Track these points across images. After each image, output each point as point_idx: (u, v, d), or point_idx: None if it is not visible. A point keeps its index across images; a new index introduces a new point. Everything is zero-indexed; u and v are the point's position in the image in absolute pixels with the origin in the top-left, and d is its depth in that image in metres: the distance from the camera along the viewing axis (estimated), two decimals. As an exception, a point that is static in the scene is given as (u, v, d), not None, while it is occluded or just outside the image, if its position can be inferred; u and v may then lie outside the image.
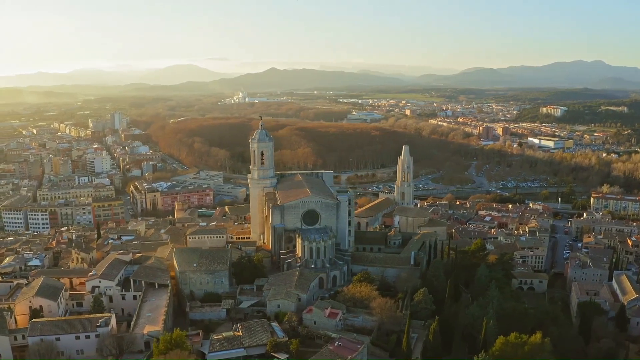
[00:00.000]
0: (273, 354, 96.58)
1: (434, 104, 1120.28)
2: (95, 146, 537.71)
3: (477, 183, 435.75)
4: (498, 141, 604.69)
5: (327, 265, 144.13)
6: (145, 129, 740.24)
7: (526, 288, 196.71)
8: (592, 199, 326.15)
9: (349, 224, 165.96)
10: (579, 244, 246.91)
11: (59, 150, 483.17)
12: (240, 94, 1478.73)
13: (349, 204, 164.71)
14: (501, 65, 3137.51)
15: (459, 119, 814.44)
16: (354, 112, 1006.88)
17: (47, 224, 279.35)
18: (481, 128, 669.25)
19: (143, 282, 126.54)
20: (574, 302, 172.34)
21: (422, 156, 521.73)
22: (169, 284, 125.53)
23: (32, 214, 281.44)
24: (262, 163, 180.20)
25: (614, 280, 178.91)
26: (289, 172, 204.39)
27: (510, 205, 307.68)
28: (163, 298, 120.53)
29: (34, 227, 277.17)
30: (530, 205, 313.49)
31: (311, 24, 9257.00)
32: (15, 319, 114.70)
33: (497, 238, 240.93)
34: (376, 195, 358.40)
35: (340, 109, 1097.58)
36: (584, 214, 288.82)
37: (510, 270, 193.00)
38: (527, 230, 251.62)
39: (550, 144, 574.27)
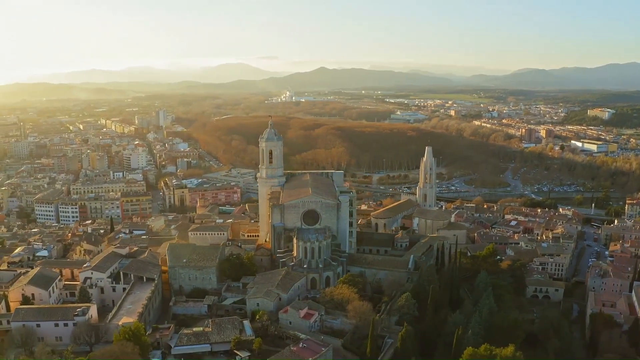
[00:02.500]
0: (235, 351, 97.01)
1: (481, 105, 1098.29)
2: (136, 142, 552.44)
3: (512, 186, 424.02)
4: (540, 144, 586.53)
5: (320, 265, 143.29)
6: (188, 126, 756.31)
7: (541, 296, 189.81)
8: (626, 205, 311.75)
9: (350, 224, 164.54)
10: (607, 252, 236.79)
11: (99, 145, 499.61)
12: (288, 92, 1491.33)
13: (350, 204, 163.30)
14: (554, 66, 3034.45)
15: (504, 121, 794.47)
16: (398, 112, 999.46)
17: (77, 217, 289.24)
18: (524, 130, 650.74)
19: (132, 275, 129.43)
20: (589, 313, 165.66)
21: (459, 158, 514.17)
22: (156, 278, 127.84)
23: (62, 207, 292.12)
24: (271, 162, 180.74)
25: (633, 292, 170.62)
26: (299, 171, 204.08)
27: (539, 210, 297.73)
28: (148, 291, 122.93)
29: (64, 220, 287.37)
30: (560, 210, 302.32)
31: (363, 24, 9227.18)
32: (8, 305, 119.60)
33: (519, 243, 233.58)
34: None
35: (385, 108, 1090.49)
36: (615, 221, 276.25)
37: (522, 278, 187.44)
38: (550, 236, 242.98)
39: (593, 147, 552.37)
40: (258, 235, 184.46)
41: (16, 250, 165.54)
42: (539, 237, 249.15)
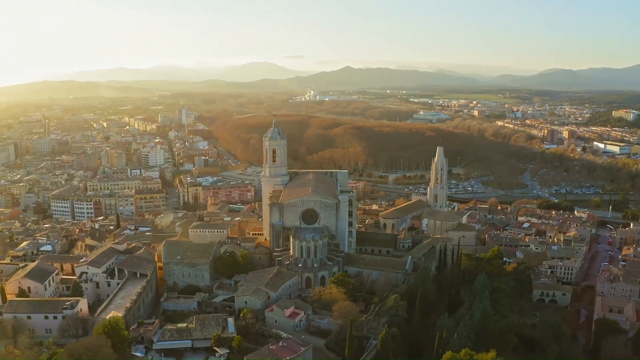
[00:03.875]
0: (215, 348, 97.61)
1: (506, 105, 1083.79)
2: (157, 140, 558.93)
3: (529, 188, 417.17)
4: (562, 145, 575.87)
5: (315, 265, 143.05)
6: (210, 124, 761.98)
7: (548, 300, 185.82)
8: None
9: (350, 224, 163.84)
10: (619, 256, 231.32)
11: (119, 143, 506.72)
12: (312, 91, 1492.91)
13: (350, 204, 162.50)
14: (581, 66, 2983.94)
15: (527, 121, 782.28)
16: (421, 112, 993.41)
17: (91, 213, 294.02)
18: (546, 131, 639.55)
19: (126, 270, 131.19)
20: (595, 319, 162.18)
21: (477, 158, 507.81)
22: (148, 274, 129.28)
23: (78, 204, 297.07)
24: (274, 161, 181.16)
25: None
26: (303, 170, 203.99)
27: (553, 212, 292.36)
28: (139, 287, 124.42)
29: (79, 216, 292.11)
30: (575, 212, 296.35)
31: (389, 24, 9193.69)
32: (4, 297, 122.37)
33: (529, 246, 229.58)
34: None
35: (408, 108, 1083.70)
36: (631, 224, 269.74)
37: (526, 281, 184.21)
38: (562, 239, 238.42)
39: (615, 149, 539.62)
40: (262, 234, 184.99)
41: (21, 245, 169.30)
42: (550, 240, 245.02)
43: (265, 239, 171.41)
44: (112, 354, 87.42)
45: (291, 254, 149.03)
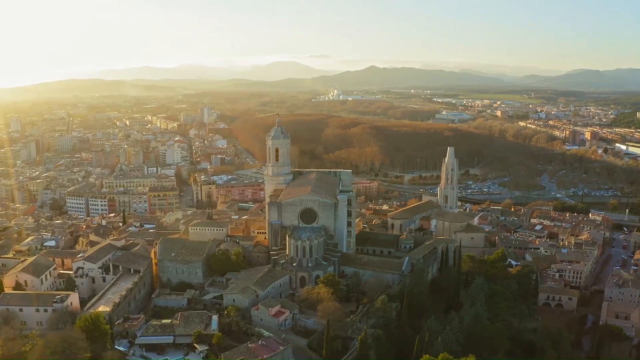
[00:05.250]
0: (195, 344, 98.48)
1: (530, 106, 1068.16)
2: (177, 138, 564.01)
3: (547, 189, 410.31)
4: (584, 146, 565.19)
5: (310, 265, 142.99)
6: (231, 123, 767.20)
7: (554, 305, 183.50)
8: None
9: (349, 224, 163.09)
10: (632, 260, 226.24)
11: (138, 141, 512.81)
12: (335, 91, 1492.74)
13: (349, 204, 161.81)
14: (608, 67, 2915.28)
15: (550, 122, 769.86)
16: (443, 112, 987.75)
17: (105, 210, 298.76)
18: (568, 132, 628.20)
19: (121, 266, 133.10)
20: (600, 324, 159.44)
21: (496, 159, 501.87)
22: (141, 270, 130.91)
23: (92, 201, 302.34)
24: (277, 160, 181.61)
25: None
26: (307, 169, 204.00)
27: (567, 215, 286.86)
28: (131, 283, 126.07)
29: (94, 213, 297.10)
30: (590, 215, 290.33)
31: (415, 23, 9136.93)
32: (2, 290, 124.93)
33: (539, 249, 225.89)
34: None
35: (431, 108, 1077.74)
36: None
37: (530, 284, 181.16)
38: (572, 242, 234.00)
39: (638, 150, 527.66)
40: (265, 232, 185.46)
41: (26, 240, 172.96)
42: (562, 243, 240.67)
43: (265, 238, 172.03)
44: (87, 347, 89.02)
45: (287, 253, 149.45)
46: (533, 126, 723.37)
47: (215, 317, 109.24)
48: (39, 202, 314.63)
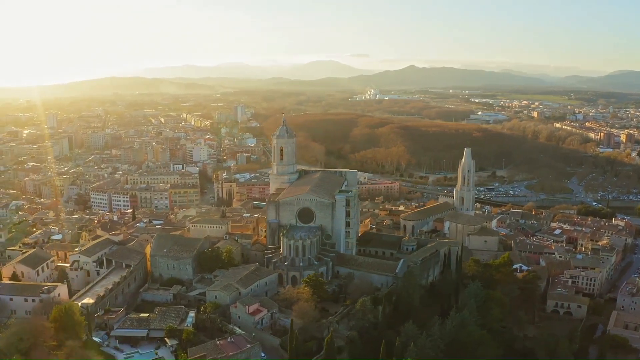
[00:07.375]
0: (165, 338, 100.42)
1: (568, 107, 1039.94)
2: (207, 136, 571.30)
3: (574, 192, 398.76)
4: (618, 149, 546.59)
5: (302, 264, 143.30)
6: (264, 122, 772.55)
7: (562, 312, 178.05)
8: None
9: (348, 224, 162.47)
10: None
11: (168, 138, 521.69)
12: (372, 90, 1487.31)
13: (347, 204, 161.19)
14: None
15: (587, 124, 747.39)
16: (479, 113, 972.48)
17: (127, 206, 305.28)
18: (602, 134, 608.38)
19: (114, 261, 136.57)
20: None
21: (525, 161, 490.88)
22: (132, 265, 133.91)
23: (115, 196, 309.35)
24: (282, 159, 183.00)
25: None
26: (312, 169, 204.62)
27: (590, 219, 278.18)
28: (119, 276, 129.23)
29: (116, 209, 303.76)
30: (613, 220, 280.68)
31: (455, 23, 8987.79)
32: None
33: (553, 254, 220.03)
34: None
35: (467, 108, 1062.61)
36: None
37: (535, 290, 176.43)
38: (589, 247, 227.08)
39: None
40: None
41: (35, 233, 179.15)
42: (579, 248, 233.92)
43: (264, 236, 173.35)
44: (53, 336, 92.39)
45: (281, 252, 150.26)
46: (568, 128, 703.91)
47: (192, 313, 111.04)
48: (65, 197, 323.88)
